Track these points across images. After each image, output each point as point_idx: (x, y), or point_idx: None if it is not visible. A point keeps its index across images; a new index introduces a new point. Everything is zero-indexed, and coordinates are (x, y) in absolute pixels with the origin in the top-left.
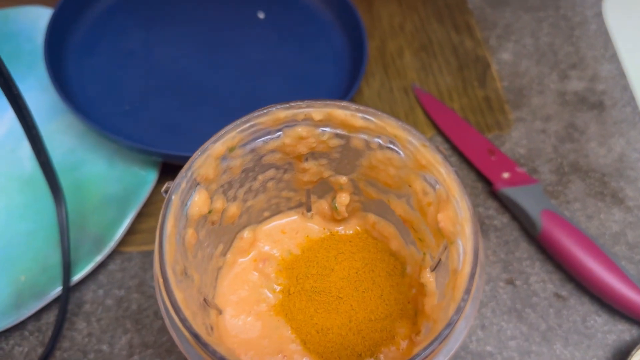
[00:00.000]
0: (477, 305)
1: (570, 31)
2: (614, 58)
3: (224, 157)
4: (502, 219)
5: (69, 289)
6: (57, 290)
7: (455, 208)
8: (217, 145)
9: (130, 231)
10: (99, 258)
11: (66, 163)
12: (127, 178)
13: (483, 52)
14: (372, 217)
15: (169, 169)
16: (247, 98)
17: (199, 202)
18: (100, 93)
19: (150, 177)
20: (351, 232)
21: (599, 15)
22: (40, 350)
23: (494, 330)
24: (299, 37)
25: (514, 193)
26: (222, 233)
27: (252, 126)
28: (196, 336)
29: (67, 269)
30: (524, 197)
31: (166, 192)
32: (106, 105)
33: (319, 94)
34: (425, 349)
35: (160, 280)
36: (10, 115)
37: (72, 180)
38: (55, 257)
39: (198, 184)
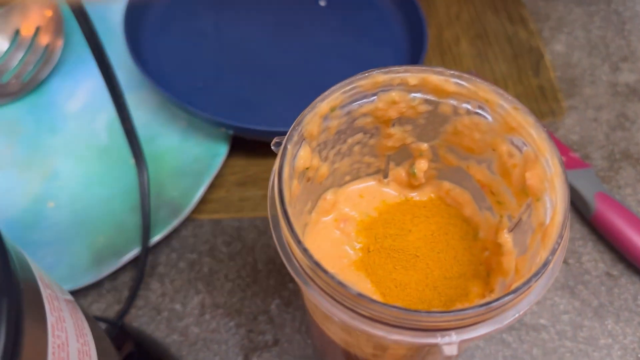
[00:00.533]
0: (562, 260)
1: (621, 25)
2: None
3: (326, 117)
4: None
5: (147, 250)
6: (134, 251)
7: (544, 166)
8: (324, 104)
9: (201, 200)
10: (174, 223)
11: (141, 135)
12: (199, 151)
13: (537, 42)
14: (446, 185)
15: (238, 144)
16: (310, 79)
17: (304, 155)
18: (175, 70)
19: (222, 150)
20: (425, 198)
21: None
22: (116, 308)
23: (547, 304)
24: (359, 24)
25: (570, 176)
26: (312, 191)
27: (353, 88)
28: (317, 263)
29: (147, 232)
30: (579, 180)
31: (276, 145)
32: (181, 81)
33: None
34: (520, 286)
35: (281, 216)
36: (86, 88)
37: (148, 152)
38: (131, 221)
39: (304, 139)
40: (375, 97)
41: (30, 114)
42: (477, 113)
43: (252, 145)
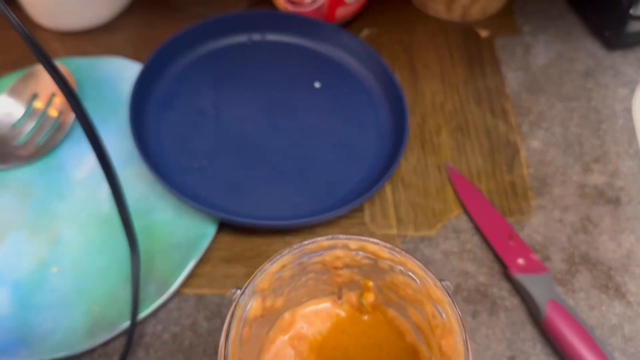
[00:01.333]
0: None
1: (598, 124)
2: (637, 155)
3: (277, 272)
4: (512, 301)
5: (135, 325)
6: (125, 324)
7: (455, 340)
8: (274, 265)
9: (188, 275)
10: (162, 299)
11: (138, 207)
12: (190, 228)
13: (515, 137)
14: (391, 312)
15: (227, 223)
16: (299, 163)
17: (255, 307)
18: (173, 147)
19: (210, 230)
20: (373, 322)
21: (628, 110)
22: None
23: None
24: (349, 108)
25: (525, 280)
26: (267, 320)
27: (301, 251)
28: None
29: (135, 309)
30: (534, 285)
31: (230, 295)
32: (177, 160)
33: (362, 164)
34: None
35: None
36: (93, 156)
37: (143, 222)
38: (124, 292)
39: (256, 293)
40: (322, 252)
41: (42, 177)
42: (408, 275)
43: (239, 226)
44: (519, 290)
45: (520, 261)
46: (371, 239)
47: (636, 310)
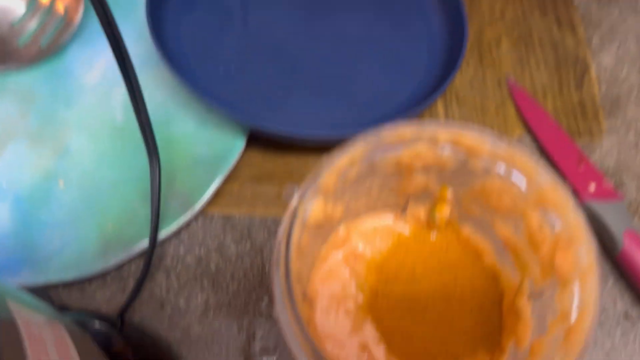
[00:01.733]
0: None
1: None
2: None
3: (345, 169)
4: None
5: (155, 245)
6: (143, 243)
7: (578, 254)
8: (344, 158)
9: (214, 193)
10: (185, 218)
11: (156, 117)
12: (215, 141)
13: (584, 52)
14: (467, 229)
15: (257, 136)
16: (339, 77)
17: (317, 210)
18: (196, 51)
19: (239, 143)
20: (443, 241)
21: None
22: (120, 297)
23: None
24: (396, 14)
25: (599, 208)
26: (322, 231)
27: (378, 140)
28: (314, 349)
29: (155, 228)
30: (609, 214)
31: (287, 196)
32: (200, 64)
33: (411, 78)
34: None
35: (286, 296)
36: (104, 60)
37: (161, 134)
38: (142, 210)
39: (318, 193)
40: (402, 146)
41: (46, 83)
42: (510, 178)
43: (271, 139)
44: (590, 219)
45: (592, 188)
46: (469, 126)
47: None
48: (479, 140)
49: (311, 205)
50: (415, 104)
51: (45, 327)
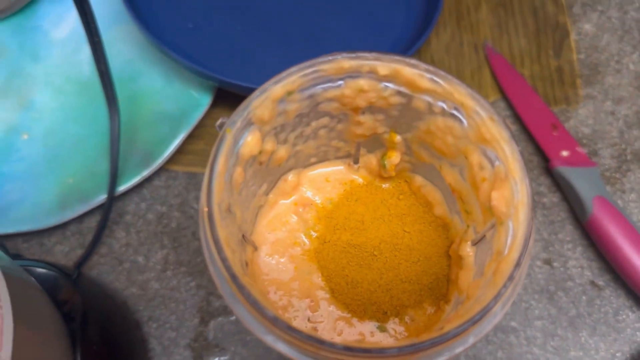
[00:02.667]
0: (517, 291)
1: None
2: None
3: (281, 100)
4: (552, 198)
5: (113, 198)
6: (102, 197)
7: (513, 189)
8: (277, 87)
9: (178, 151)
10: (145, 173)
11: (123, 73)
12: (181, 97)
13: (564, 19)
14: (419, 180)
15: (223, 95)
16: (310, 34)
17: (251, 142)
18: (165, 8)
19: (205, 100)
20: (395, 191)
21: None
22: (79, 252)
23: (522, 307)
24: None
25: (570, 173)
26: (267, 173)
27: (314, 72)
28: (234, 277)
29: (114, 179)
30: (579, 180)
31: (220, 127)
32: (169, 19)
33: (385, 39)
34: (457, 328)
35: (206, 217)
36: (74, 15)
37: (127, 91)
38: (103, 165)
39: (253, 124)
40: (341, 82)
41: (15, 37)
42: (452, 115)
43: (238, 97)
44: (561, 186)
45: (564, 153)
46: (407, 60)
47: None
48: (416, 75)
49: (244, 136)
50: None
51: None
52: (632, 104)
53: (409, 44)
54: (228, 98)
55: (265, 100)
